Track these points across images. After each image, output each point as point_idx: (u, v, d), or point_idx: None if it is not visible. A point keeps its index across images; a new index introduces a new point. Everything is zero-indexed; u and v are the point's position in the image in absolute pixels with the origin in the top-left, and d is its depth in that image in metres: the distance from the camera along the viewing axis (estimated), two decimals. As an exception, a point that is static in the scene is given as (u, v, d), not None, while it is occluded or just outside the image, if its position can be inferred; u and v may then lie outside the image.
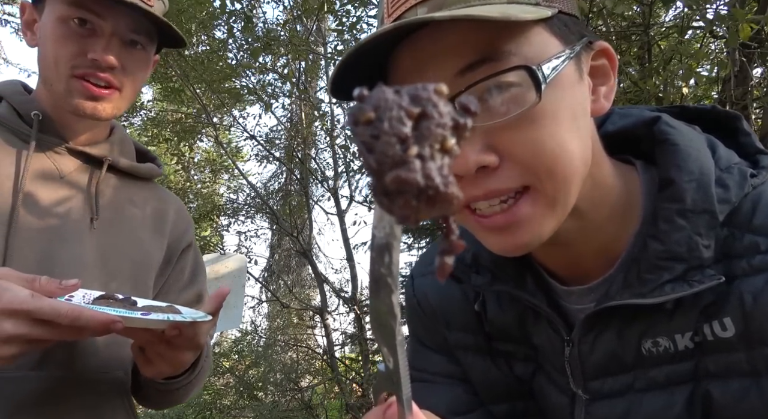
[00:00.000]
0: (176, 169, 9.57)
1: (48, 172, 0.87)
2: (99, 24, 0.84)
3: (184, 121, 7.56)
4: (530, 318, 0.57)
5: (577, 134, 0.49)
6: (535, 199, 0.48)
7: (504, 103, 0.46)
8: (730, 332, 0.47)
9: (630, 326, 0.51)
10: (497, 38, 0.46)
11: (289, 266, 9.60)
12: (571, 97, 0.49)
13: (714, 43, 3.48)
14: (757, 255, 0.47)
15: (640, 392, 0.52)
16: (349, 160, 6.41)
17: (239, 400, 6.97)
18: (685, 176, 0.50)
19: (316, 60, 6.54)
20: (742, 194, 0.50)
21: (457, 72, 0.46)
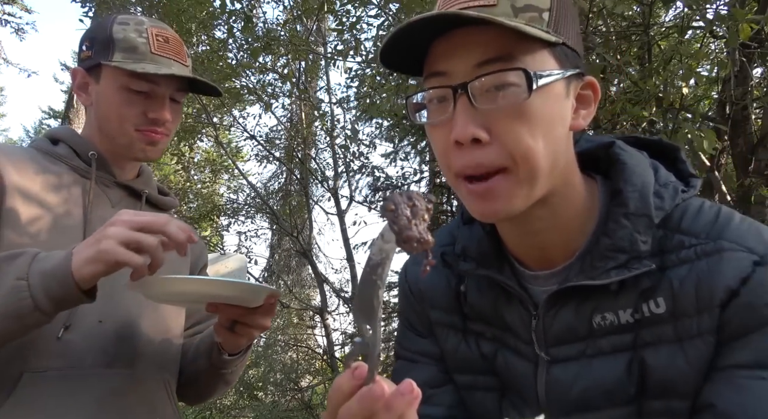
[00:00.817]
0: (176, 169, 9.57)
1: (103, 201, 1.05)
2: (155, 90, 1.04)
3: (184, 121, 7.56)
4: (504, 300, 0.72)
5: (551, 139, 0.62)
6: (508, 178, 0.62)
7: (504, 96, 0.60)
8: (662, 309, 0.63)
9: (584, 303, 0.66)
10: (511, 46, 0.60)
11: (289, 266, 9.60)
12: (555, 108, 0.63)
13: (714, 43, 3.49)
14: (683, 250, 0.63)
15: (590, 357, 0.66)
16: (349, 160, 6.42)
17: (239, 400, 6.98)
18: (630, 187, 0.66)
19: (316, 60, 6.54)
20: (674, 204, 0.65)
21: (476, 64, 0.61)
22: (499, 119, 0.61)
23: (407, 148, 7.18)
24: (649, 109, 2.69)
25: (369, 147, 6.45)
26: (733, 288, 0.60)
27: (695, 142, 2.36)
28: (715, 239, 0.62)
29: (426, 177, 7.47)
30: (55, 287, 0.76)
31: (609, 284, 0.64)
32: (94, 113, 1.07)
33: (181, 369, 1.13)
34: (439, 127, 0.65)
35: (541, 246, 0.70)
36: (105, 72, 1.05)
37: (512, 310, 0.71)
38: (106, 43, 1.04)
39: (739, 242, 0.62)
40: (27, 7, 8.79)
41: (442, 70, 0.63)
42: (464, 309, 0.75)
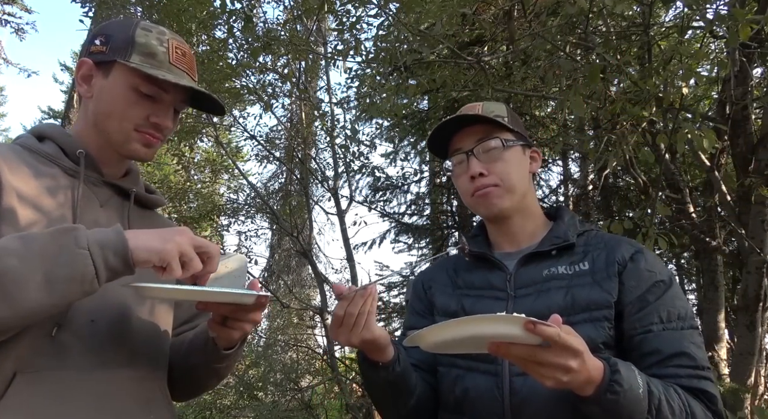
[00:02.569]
0: (176, 169, 9.58)
1: (91, 200, 1.05)
2: (163, 97, 1.07)
3: (185, 121, 7.56)
4: (488, 270, 1.20)
5: (519, 172, 1.20)
6: (498, 189, 1.18)
7: (492, 154, 1.19)
8: (587, 267, 1.11)
9: (539, 264, 1.15)
10: (492, 130, 1.20)
11: (289, 266, 9.60)
12: (518, 158, 1.21)
13: (714, 43, 3.49)
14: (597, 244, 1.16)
15: (541, 293, 1.10)
16: (350, 160, 6.41)
17: (239, 400, 6.97)
18: (565, 216, 1.22)
19: (316, 60, 6.53)
20: (587, 228, 1.21)
21: (475, 140, 1.20)
22: (492, 163, 1.18)
23: (407, 148, 7.18)
24: (649, 109, 2.69)
25: (369, 147, 6.45)
26: (626, 257, 1.10)
27: (695, 142, 2.36)
28: (616, 240, 1.16)
29: (426, 177, 7.47)
30: (112, 259, 0.84)
31: (550, 250, 1.15)
32: (93, 107, 1.07)
33: (173, 366, 1.14)
34: (462, 175, 1.21)
35: (514, 239, 1.23)
36: (118, 70, 1.05)
37: (494, 274, 1.19)
38: (126, 43, 1.05)
39: (628, 242, 1.15)
40: (27, 7, 8.80)
41: (459, 147, 1.22)
42: (457, 282, 1.24)
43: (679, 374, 0.98)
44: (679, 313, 1.04)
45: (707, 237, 4.13)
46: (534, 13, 3.47)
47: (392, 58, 3.56)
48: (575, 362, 0.83)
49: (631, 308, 1.05)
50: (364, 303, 0.97)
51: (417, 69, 3.77)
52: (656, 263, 1.11)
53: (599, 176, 5.23)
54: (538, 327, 0.79)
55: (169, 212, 8.31)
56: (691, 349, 0.99)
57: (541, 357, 0.83)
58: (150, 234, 0.88)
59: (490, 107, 1.23)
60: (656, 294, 1.05)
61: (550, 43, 3.04)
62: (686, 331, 1.02)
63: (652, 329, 1.02)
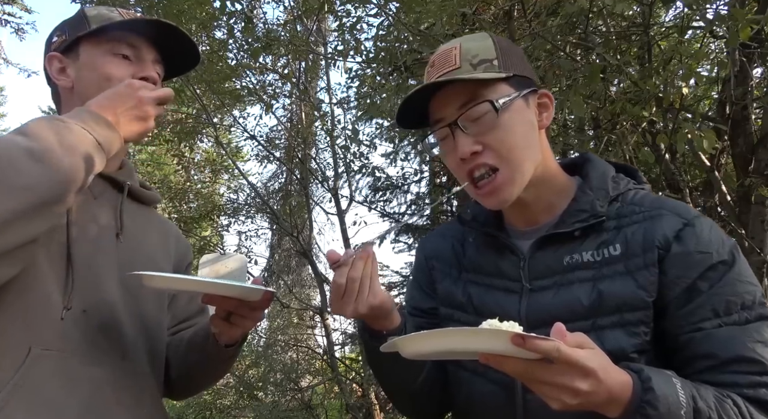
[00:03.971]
0: (176, 169, 9.57)
1: (84, 193, 1.02)
2: (138, 54, 1.07)
3: (185, 121, 7.55)
4: (498, 253, 0.98)
5: (525, 138, 0.92)
6: (502, 177, 0.91)
7: (483, 121, 0.90)
8: (618, 251, 0.87)
9: (558, 248, 0.92)
10: (476, 89, 0.90)
11: (289, 266, 9.60)
12: (521, 117, 0.92)
13: (714, 43, 3.48)
14: (634, 215, 0.90)
15: (561, 287, 0.90)
16: (350, 160, 6.41)
17: (239, 400, 6.97)
18: (594, 172, 0.96)
19: (317, 60, 6.53)
20: (627, 188, 0.93)
21: (458, 106, 0.92)
22: (485, 135, 0.90)
23: (407, 148, 7.18)
24: (649, 109, 2.69)
25: (369, 147, 6.45)
26: (669, 237, 0.85)
27: (695, 142, 2.36)
28: (658, 208, 0.89)
29: (426, 177, 7.47)
30: (102, 131, 0.90)
31: (573, 231, 0.90)
32: (77, 91, 1.06)
33: (172, 364, 1.14)
34: (449, 153, 0.94)
35: (528, 213, 0.97)
36: (85, 44, 1.06)
37: (504, 259, 0.97)
38: (80, 21, 1.06)
39: (674, 212, 0.88)
40: (27, 7, 8.79)
41: (439, 118, 0.94)
42: (463, 262, 1.03)
43: (738, 382, 0.77)
44: (744, 301, 0.81)
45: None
46: (534, 13, 3.47)
47: (392, 58, 3.56)
48: (585, 383, 0.68)
49: (677, 302, 0.83)
50: (365, 265, 0.85)
51: (417, 69, 3.77)
52: (712, 238, 0.84)
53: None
54: (530, 342, 0.65)
55: (169, 212, 8.31)
56: (756, 350, 0.78)
57: (542, 376, 0.68)
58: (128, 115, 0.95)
59: (472, 47, 0.92)
60: (710, 281, 0.82)
61: (550, 43, 3.04)
62: (752, 325, 0.80)
63: (703, 326, 0.81)
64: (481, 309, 0.96)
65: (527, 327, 0.82)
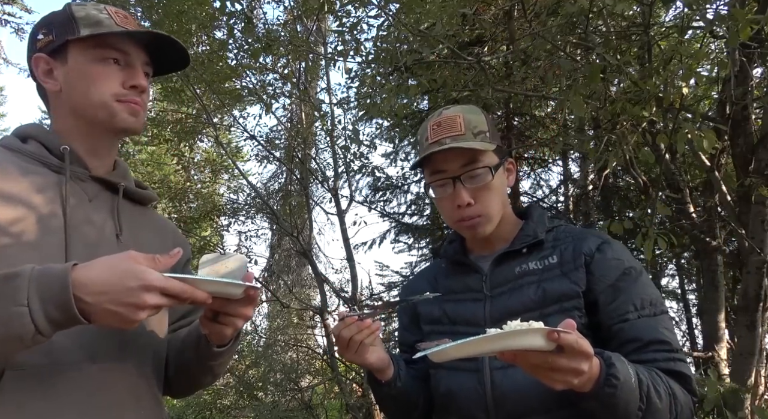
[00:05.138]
0: (176, 169, 9.57)
1: (79, 196, 1.03)
2: (128, 59, 1.06)
3: (185, 121, 7.55)
4: (464, 274, 1.25)
5: (500, 195, 1.21)
6: (483, 221, 1.18)
7: (479, 181, 1.17)
8: (555, 261, 1.15)
9: (510, 262, 1.19)
10: (476, 154, 1.16)
11: (289, 266, 9.60)
12: (501, 180, 1.22)
13: (714, 43, 3.49)
14: (565, 239, 1.19)
15: (515, 290, 1.15)
16: (350, 160, 6.41)
17: (239, 400, 6.98)
18: (535, 214, 1.26)
19: (317, 60, 6.53)
20: (556, 224, 1.25)
21: (461, 165, 1.16)
22: (480, 191, 1.17)
23: (407, 148, 7.18)
24: (649, 109, 2.69)
25: (369, 147, 6.45)
26: (593, 249, 1.14)
27: (695, 142, 2.36)
28: (583, 233, 1.20)
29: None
30: (54, 314, 0.78)
31: (521, 249, 1.19)
32: (66, 96, 1.05)
33: (170, 362, 1.13)
34: (446, 198, 1.19)
35: (488, 243, 1.26)
36: (73, 49, 1.03)
37: (470, 277, 1.24)
38: (68, 22, 1.03)
39: (595, 235, 1.19)
40: (27, 7, 8.80)
41: (442, 169, 1.18)
42: (438, 289, 1.23)
43: (657, 358, 1.03)
44: (651, 299, 1.09)
45: (707, 237, 4.13)
46: (534, 13, 3.48)
47: (392, 59, 3.56)
48: (587, 364, 0.85)
49: (604, 297, 1.09)
50: (359, 332, 1.06)
51: (417, 69, 3.77)
52: (623, 251, 1.16)
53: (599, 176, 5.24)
54: (562, 336, 0.81)
55: (169, 212, 8.31)
56: (666, 334, 1.06)
57: (556, 363, 0.84)
58: (112, 297, 0.80)
59: (472, 119, 1.19)
60: (627, 282, 1.10)
61: (550, 43, 3.04)
62: (659, 317, 1.08)
63: (628, 317, 1.07)
64: (455, 318, 1.22)
65: (491, 322, 1.12)
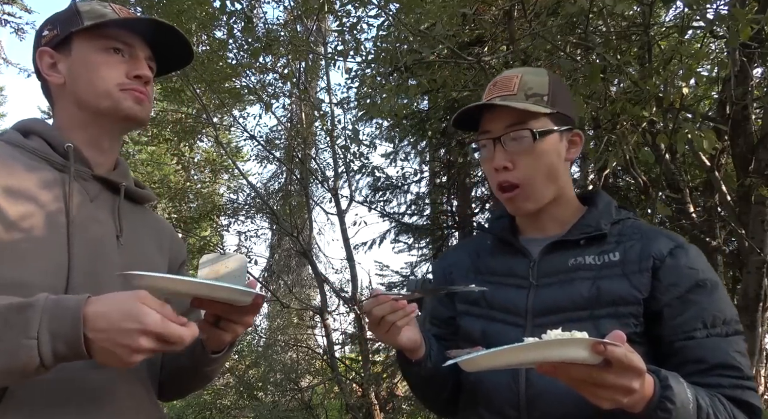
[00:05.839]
0: (176, 169, 9.57)
1: (81, 196, 1.02)
2: (132, 51, 1.06)
3: (184, 121, 7.55)
4: (511, 256, 1.14)
5: (549, 166, 1.07)
6: (520, 193, 1.08)
7: (521, 144, 1.06)
8: (617, 258, 1.03)
9: (565, 253, 1.07)
10: (524, 116, 1.06)
11: (289, 266, 9.60)
12: (552, 149, 1.08)
13: (714, 43, 3.48)
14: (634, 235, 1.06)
15: (565, 283, 1.04)
16: (350, 160, 6.41)
17: (239, 400, 6.97)
18: (600, 202, 1.13)
19: (317, 60, 6.53)
20: (623, 216, 1.10)
21: (505, 126, 1.07)
22: (519, 156, 1.06)
23: (407, 148, 7.18)
24: (649, 109, 2.69)
25: (369, 147, 6.45)
26: (664, 253, 1.00)
27: (695, 142, 2.36)
28: (654, 232, 1.06)
29: (426, 177, 7.47)
30: (62, 350, 0.78)
31: (579, 240, 1.07)
32: (71, 89, 1.04)
33: (164, 367, 1.12)
34: (487, 160, 1.10)
35: (541, 225, 1.14)
36: (77, 41, 1.03)
37: (516, 261, 1.12)
38: (73, 16, 1.04)
39: (668, 236, 1.05)
40: (27, 7, 8.79)
41: (487, 129, 1.10)
42: (479, 267, 1.18)
43: (722, 384, 0.92)
44: (725, 317, 0.96)
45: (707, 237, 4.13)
46: (534, 13, 3.47)
47: (392, 59, 3.56)
48: (637, 382, 0.76)
49: (670, 310, 0.97)
50: (393, 313, 0.97)
51: (417, 69, 3.77)
52: (699, 259, 1.02)
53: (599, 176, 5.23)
54: (608, 349, 0.72)
55: (169, 212, 8.31)
56: (737, 358, 0.93)
57: (602, 379, 0.75)
58: (113, 338, 0.78)
59: (530, 80, 1.09)
60: (700, 295, 0.97)
61: (550, 43, 3.04)
62: (731, 338, 0.95)
63: (695, 335, 0.95)
64: (493, 303, 1.11)
65: (533, 314, 1.04)
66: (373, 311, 0.98)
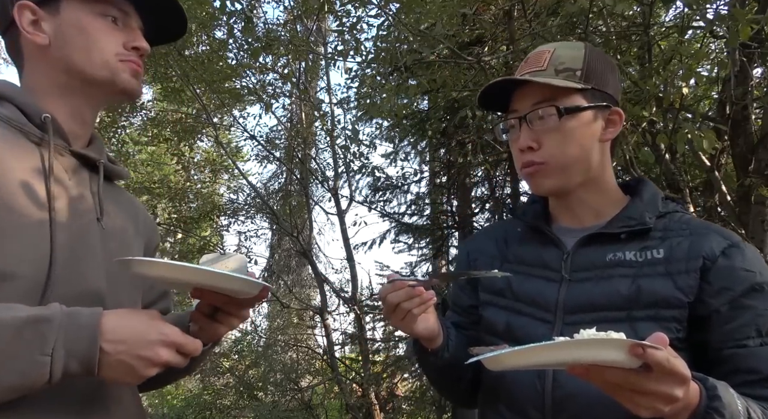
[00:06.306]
0: (176, 169, 9.57)
1: (60, 173, 0.92)
2: (126, 21, 0.98)
3: (184, 121, 7.55)
4: (542, 245, 1.05)
5: (581, 146, 0.98)
6: (544, 169, 0.99)
7: (547, 122, 0.98)
8: (661, 255, 0.93)
9: (602, 247, 0.98)
10: (553, 92, 0.97)
11: (289, 266, 9.60)
12: (584, 128, 0.98)
13: (714, 43, 3.48)
14: (681, 231, 0.96)
15: (602, 279, 0.95)
16: (350, 160, 6.41)
17: (239, 400, 6.98)
18: (646, 192, 1.02)
19: (317, 60, 6.53)
20: (671, 209, 1.00)
21: (532, 104, 0.99)
22: (545, 134, 0.98)
23: (407, 148, 7.18)
24: (649, 109, 2.69)
25: (369, 147, 6.45)
26: (716, 252, 0.90)
27: (695, 142, 2.36)
28: (705, 227, 0.96)
29: (426, 177, 7.47)
30: (74, 368, 0.75)
31: (619, 233, 0.96)
32: (58, 51, 0.93)
33: None
34: (513, 141, 1.03)
35: (576, 214, 1.04)
36: (68, 1, 0.94)
37: (548, 251, 1.03)
38: None
39: (721, 233, 0.94)
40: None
41: (515, 108, 1.02)
42: (506, 255, 1.10)
43: None
44: None
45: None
46: (534, 13, 3.48)
47: (392, 59, 3.56)
48: (681, 390, 0.69)
49: (721, 316, 0.88)
50: (409, 300, 0.90)
51: (417, 69, 3.77)
52: (757, 260, 0.91)
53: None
54: (648, 352, 0.64)
55: (169, 212, 8.31)
56: None
57: (640, 385, 0.68)
58: (131, 350, 0.76)
59: (562, 54, 1.00)
60: (756, 300, 0.87)
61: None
62: None
63: (747, 344, 0.86)
64: (520, 295, 1.03)
65: (563, 311, 0.96)
66: (388, 297, 0.91)
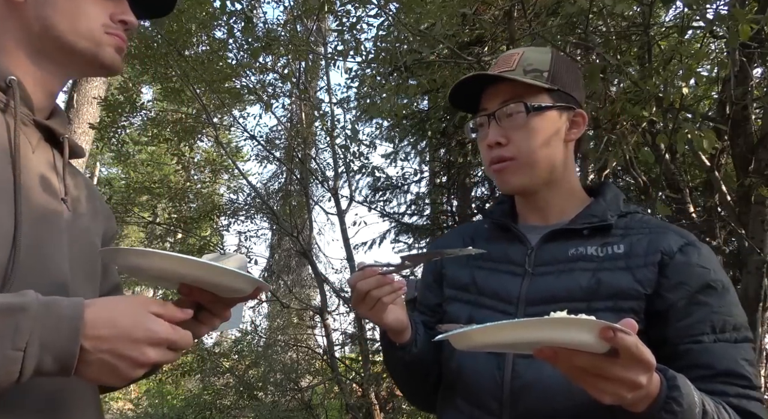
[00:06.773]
0: (176, 169, 9.56)
1: (24, 145, 0.83)
2: None
3: (184, 121, 7.55)
4: (507, 242, 1.08)
5: (547, 144, 1.02)
6: (514, 164, 1.03)
7: (515, 119, 1.02)
8: (621, 250, 0.97)
9: (564, 242, 1.01)
10: (520, 91, 1.03)
11: (289, 266, 9.60)
12: (549, 125, 1.03)
13: (714, 43, 3.48)
14: (641, 229, 0.99)
15: (563, 273, 0.98)
16: (350, 160, 6.41)
17: (239, 400, 6.97)
18: (608, 193, 1.07)
19: (316, 60, 6.53)
20: (632, 209, 1.04)
21: (500, 102, 1.04)
22: (513, 131, 1.03)
23: (407, 148, 7.18)
24: (649, 109, 2.69)
25: (369, 147, 6.45)
26: (674, 248, 0.94)
27: (695, 142, 2.35)
28: (663, 227, 1.00)
29: (426, 177, 7.47)
30: (48, 365, 0.66)
31: (582, 229, 1.00)
32: (34, 12, 0.85)
33: None
34: (481, 139, 1.08)
35: (541, 212, 1.09)
36: None
37: (513, 247, 1.06)
38: None
39: (678, 232, 0.99)
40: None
41: (485, 107, 1.07)
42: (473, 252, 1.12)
43: (727, 392, 0.86)
44: (736, 323, 0.90)
45: (707, 237, 4.13)
46: (534, 13, 3.47)
47: (392, 59, 3.57)
48: (645, 377, 0.69)
49: (677, 311, 0.91)
50: (379, 288, 0.90)
51: (417, 69, 3.77)
52: (711, 259, 0.94)
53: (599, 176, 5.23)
54: (618, 336, 0.64)
55: (170, 212, 8.31)
56: (745, 367, 0.88)
57: (607, 370, 0.68)
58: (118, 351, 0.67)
59: (531, 57, 1.05)
60: (710, 297, 0.91)
61: (550, 43, 3.04)
62: (740, 345, 0.89)
63: (702, 340, 0.89)
64: (484, 289, 1.06)
65: (525, 303, 0.99)
66: (357, 285, 0.91)
